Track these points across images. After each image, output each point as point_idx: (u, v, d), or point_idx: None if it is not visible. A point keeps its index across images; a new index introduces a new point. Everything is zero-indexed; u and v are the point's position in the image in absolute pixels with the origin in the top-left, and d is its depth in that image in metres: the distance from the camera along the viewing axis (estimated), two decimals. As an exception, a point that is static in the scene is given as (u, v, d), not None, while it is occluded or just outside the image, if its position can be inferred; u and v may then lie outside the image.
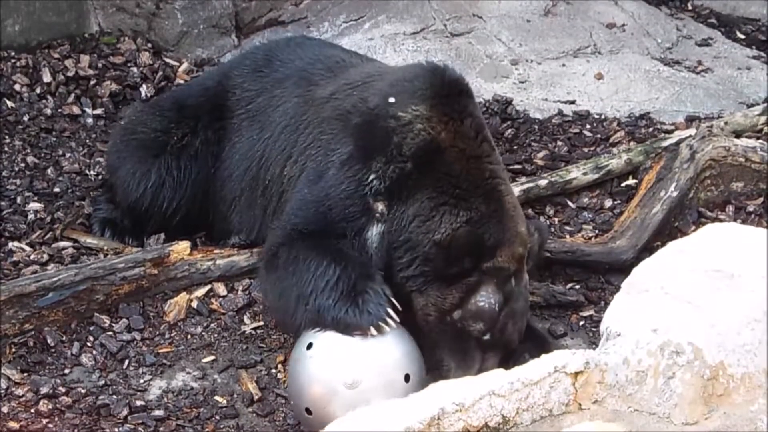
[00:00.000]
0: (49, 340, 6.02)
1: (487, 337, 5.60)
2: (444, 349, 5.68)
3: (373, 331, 5.42)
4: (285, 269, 5.81)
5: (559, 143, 7.81)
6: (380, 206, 5.82)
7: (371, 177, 5.85)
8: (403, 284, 5.71)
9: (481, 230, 5.62)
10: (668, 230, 6.76)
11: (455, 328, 5.63)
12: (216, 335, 6.17)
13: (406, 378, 5.38)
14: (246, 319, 6.24)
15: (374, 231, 5.84)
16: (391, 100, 5.93)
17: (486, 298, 5.58)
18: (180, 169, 6.75)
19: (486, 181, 5.78)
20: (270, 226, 6.30)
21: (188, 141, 6.77)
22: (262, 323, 6.21)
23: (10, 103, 7.88)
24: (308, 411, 5.38)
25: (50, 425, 5.57)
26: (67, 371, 5.92)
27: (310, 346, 5.43)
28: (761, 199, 6.99)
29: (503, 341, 5.65)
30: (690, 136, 7.22)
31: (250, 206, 6.60)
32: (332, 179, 5.94)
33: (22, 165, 7.45)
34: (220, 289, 6.37)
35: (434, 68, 6.11)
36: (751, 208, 6.95)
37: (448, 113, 5.86)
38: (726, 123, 7.44)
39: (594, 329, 6.20)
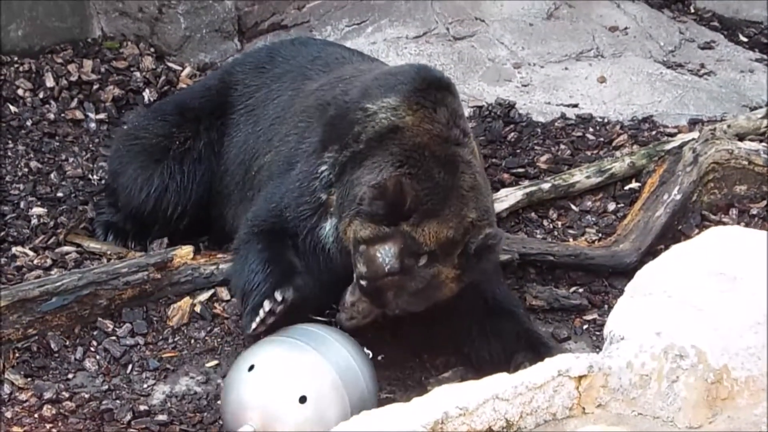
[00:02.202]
0: (52, 345, 6.03)
1: (363, 283, 5.53)
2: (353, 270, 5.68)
3: (250, 329, 5.57)
4: (235, 265, 6.03)
5: (562, 147, 7.80)
6: (333, 199, 5.83)
7: (322, 168, 5.87)
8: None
9: (420, 189, 5.47)
10: (671, 233, 6.75)
11: (353, 256, 5.59)
12: (219, 340, 6.17)
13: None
14: (249, 324, 6.24)
15: (328, 225, 5.86)
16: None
17: (383, 254, 5.45)
18: (183, 173, 6.75)
19: (447, 156, 5.63)
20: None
21: (191, 144, 6.77)
22: (265, 328, 6.20)
23: (13, 108, 7.89)
24: None
25: (54, 430, 5.58)
26: (70, 376, 5.92)
27: (251, 367, 5.39)
28: (764, 202, 6.98)
29: (377, 300, 5.56)
30: (693, 139, 7.22)
31: (242, 200, 6.62)
32: (293, 176, 6.01)
33: (26, 170, 7.46)
34: (224, 293, 6.36)
35: (421, 67, 6.09)
36: (754, 211, 6.95)
37: (420, 102, 5.76)
38: (729, 126, 7.43)
39: (597, 333, 6.21)
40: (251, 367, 5.35)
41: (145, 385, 5.89)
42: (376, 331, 5.80)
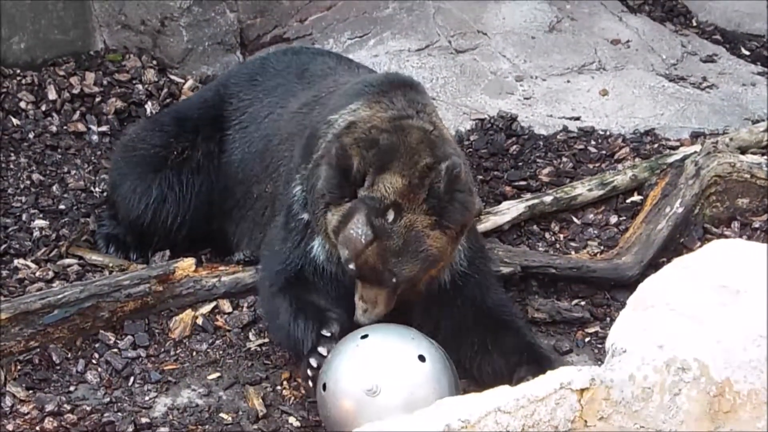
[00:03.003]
0: (54, 358, 6.02)
1: (351, 266, 5.53)
2: None
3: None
4: (268, 311, 6.09)
5: (564, 159, 7.81)
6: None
7: (296, 190, 5.95)
8: None
9: (365, 153, 5.51)
10: (674, 246, 6.75)
11: (339, 250, 5.62)
12: (221, 352, 6.16)
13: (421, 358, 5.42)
14: (251, 336, 6.24)
15: (316, 243, 5.88)
16: None
17: (354, 227, 5.45)
18: (182, 183, 6.76)
19: (394, 126, 5.64)
20: (260, 245, 6.43)
21: (189, 154, 6.78)
22: (267, 340, 6.21)
23: (15, 121, 7.90)
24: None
25: (55, 442, 5.59)
26: (72, 388, 5.92)
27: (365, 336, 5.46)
28: (767, 216, 6.98)
29: (373, 278, 5.55)
30: (695, 152, 7.21)
31: (242, 219, 6.65)
32: (282, 210, 6.11)
33: (28, 182, 7.47)
34: (226, 305, 6.37)
35: (391, 73, 6.18)
36: (756, 225, 6.95)
37: (380, 100, 5.81)
38: (731, 139, 7.43)
39: (599, 345, 6.20)
40: (421, 357, 5.42)
41: (146, 398, 5.89)
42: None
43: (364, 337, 5.45)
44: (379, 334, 5.50)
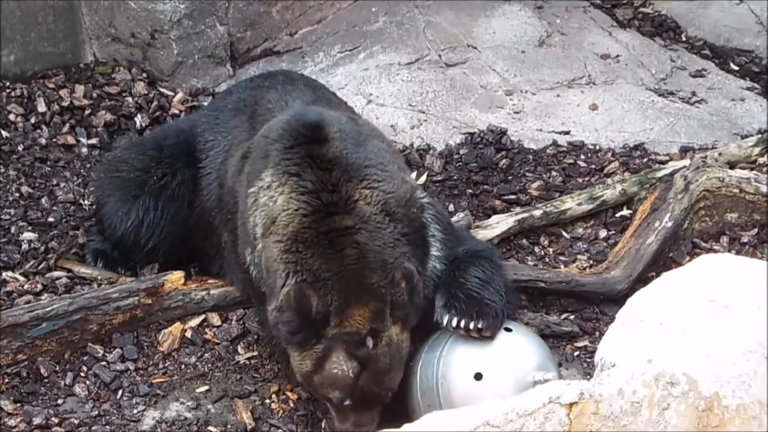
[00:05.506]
0: (42, 371, 6.01)
1: (347, 402, 5.46)
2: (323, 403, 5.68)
3: None
4: None
5: (554, 173, 7.81)
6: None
7: (251, 270, 5.92)
8: None
9: (319, 293, 5.38)
10: (663, 261, 6.75)
11: (319, 392, 5.56)
12: (210, 365, 6.15)
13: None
14: (240, 349, 6.23)
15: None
16: None
17: (336, 366, 5.39)
18: (158, 208, 6.73)
19: (322, 234, 5.50)
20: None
21: (167, 181, 6.76)
22: (256, 353, 6.20)
23: (5, 133, 7.89)
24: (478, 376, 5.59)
25: (43, 456, 5.57)
26: (60, 401, 5.90)
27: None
28: (755, 230, 6.99)
29: (371, 402, 5.52)
30: (684, 166, 7.22)
31: (221, 260, 6.57)
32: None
33: (17, 195, 7.45)
34: (214, 319, 6.36)
35: (291, 118, 5.96)
36: (745, 239, 6.95)
37: (287, 170, 5.72)
38: (720, 154, 7.45)
39: (589, 360, 6.20)
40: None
41: (135, 411, 5.87)
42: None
43: (508, 330, 5.78)
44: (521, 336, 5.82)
